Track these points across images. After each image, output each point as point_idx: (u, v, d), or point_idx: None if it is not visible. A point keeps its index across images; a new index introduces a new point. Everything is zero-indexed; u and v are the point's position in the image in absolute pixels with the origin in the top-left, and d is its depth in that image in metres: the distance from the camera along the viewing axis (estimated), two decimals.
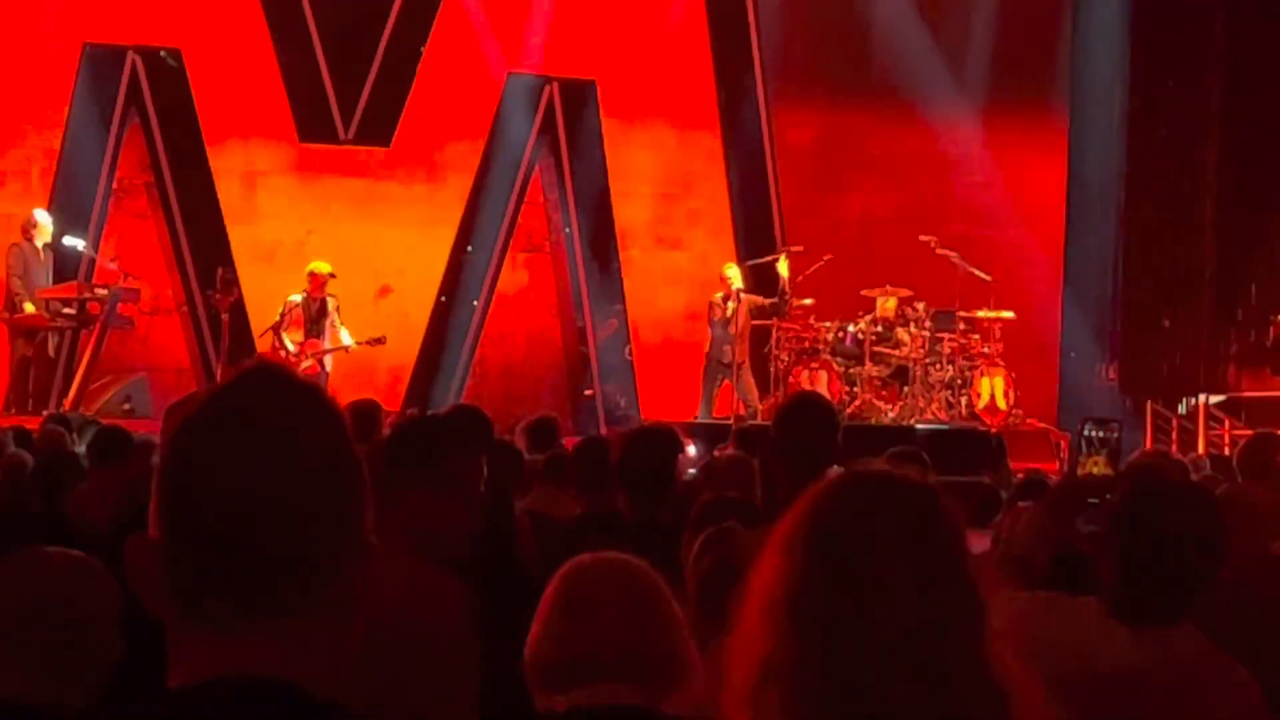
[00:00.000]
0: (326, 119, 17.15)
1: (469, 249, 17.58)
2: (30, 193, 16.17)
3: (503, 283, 17.82)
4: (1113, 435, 15.27)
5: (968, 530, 2.25)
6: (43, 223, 15.33)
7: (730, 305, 16.48)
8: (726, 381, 16.58)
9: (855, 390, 16.36)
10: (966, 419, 16.30)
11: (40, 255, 15.25)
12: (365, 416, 8.16)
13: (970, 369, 16.59)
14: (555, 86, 17.74)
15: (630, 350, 17.89)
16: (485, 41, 17.57)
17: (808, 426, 5.07)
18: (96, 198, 16.26)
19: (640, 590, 3.04)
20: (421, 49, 17.42)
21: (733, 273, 16.74)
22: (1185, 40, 18.97)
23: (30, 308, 15.01)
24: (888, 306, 16.56)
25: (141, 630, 2.42)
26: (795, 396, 7.75)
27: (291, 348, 15.64)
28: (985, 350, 16.66)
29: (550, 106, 17.71)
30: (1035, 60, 19.21)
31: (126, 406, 15.08)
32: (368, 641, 1.82)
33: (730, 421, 14.93)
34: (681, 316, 18.11)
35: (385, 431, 8.28)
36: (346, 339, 15.86)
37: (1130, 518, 3.50)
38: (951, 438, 15.39)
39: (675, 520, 5.11)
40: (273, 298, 16.02)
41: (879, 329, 16.46)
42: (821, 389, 15.73)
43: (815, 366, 16.39)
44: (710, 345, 16.68)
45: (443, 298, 17.54)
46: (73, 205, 16.00)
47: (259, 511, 1.73)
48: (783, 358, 16.53)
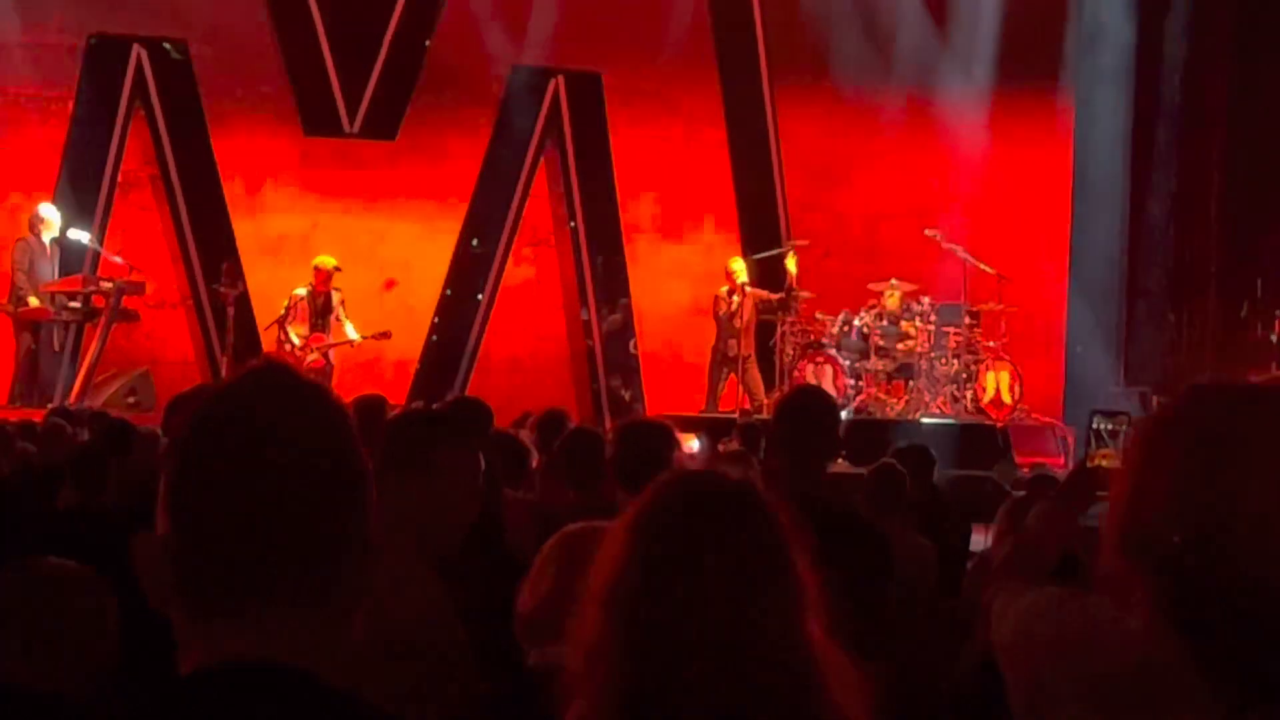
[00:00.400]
0: (332, 112, 17.15)
1: (474, 242, 17.57)
2: (36, 186, 16.16)
3: (508, 276, 17.81)
4: (1123, 428, 15.22)
5: (973, 525, 2.28)
6: (49, 217, 15.33)
7: (735, 299, 16.47)
8: (732, 375, 16.58)
9: (860, 384, 16.35)
10: (972, 413, 16.29)
11: (46, 249, 15.25)
12: (371, 411, 8.14)
13: (975, 363, 16.58)
14: (561, 79, 17.72)
15: (635, 344, 17.88)
16: (490, 34, 17.55)
17: (808, 420, 5.07)
18: (101, 191, 16.27)
19: None
20: (427, 41, 17.41)
21: (738, 266, 16.73)
22: (1193, 31, 18.93)
23: (35, 301, 15.01)
24: (893, 300, 16.54)
25: (143, 634, 2.42)
26: (795, 390, 7.75)
27: (296, 341, 15.64)
28: (990, 344, 16.65)
29: (556, 99, 17.70)
30: (1041, 53, 19.16)
31: (131, 400, 15.07)
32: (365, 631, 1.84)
33: (735, 416, 14.92)
34: (687, 310, 18.09)
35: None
36: (352, 333, 15.86)
37: None
38: (957, 432, 15.40)
39: None
40: (278, 291, 16.03)
41: (884, 323, 16.45)
42: (826, 383, 15.73)
43: (820, 361, 16.39)
44: (716, 339, 16.69)
45: (448, 291, 17.54)
46: (78, 198, 16.00)
47: (265, 507, 1.76)
48: (788, 352, 16.52)
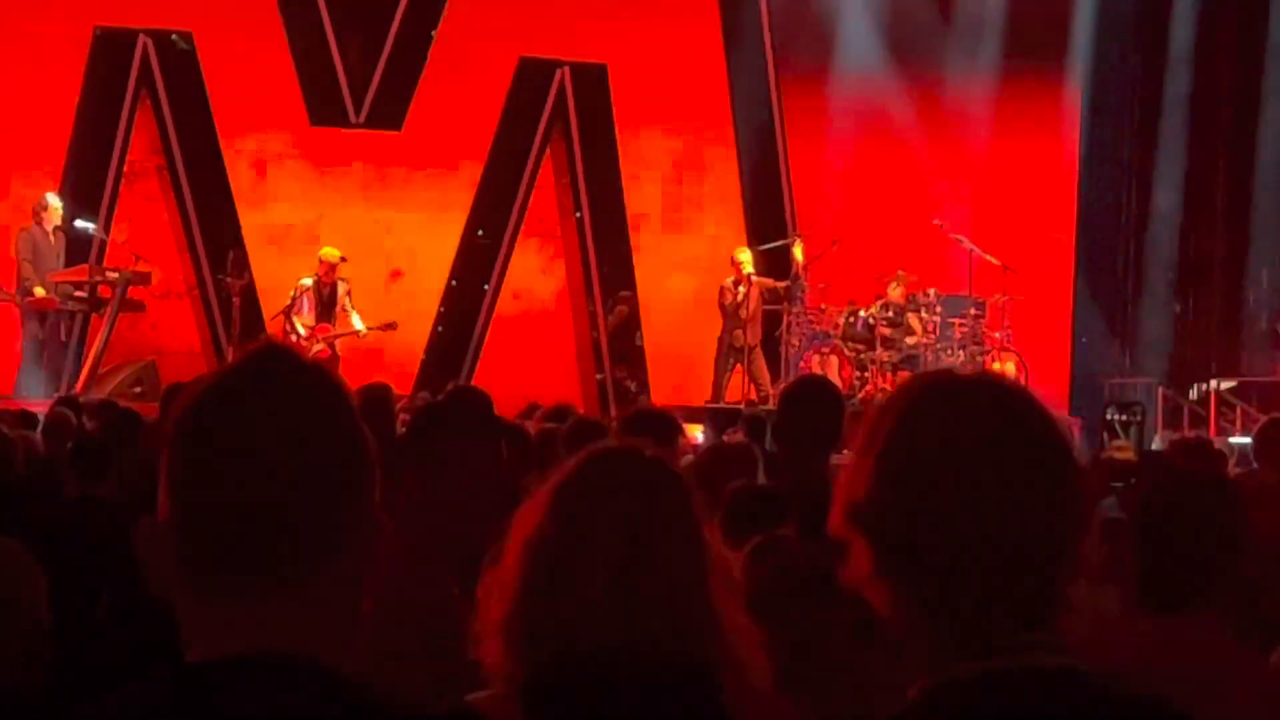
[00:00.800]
0: (338, 102, 17.13)
1: (480, 233, 17.56)
2: (42, 176, 16.16)
3: (513, 267, 17.80)
4: (1136, 419, 15.17)
5: None
6: (53, 205, 15.33)
7: (742, 290, 16.46)
8: (739, 366, 16.58)
9: (866, 375, 16.34)
10: None
11: (50, 239, 15.24)
12: (377, 400, 8.13)
13: (981, 354, 16.56)
14: (567, 70, 17.70)
15: (640, 335, 17.87)
16: (497, 25, 17.53)
17: (811, 410, 5.06)
18: (107, 181, 16.25)
19: None
20: (433, 32, 17.39)
21: (744, 257, 16.73)
22: (1200, 22, 18.89)
23: (41, 291, 15.00)
24: (898, 291, 16.53)
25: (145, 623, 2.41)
26: (799, 380, 7.74)
27: (302, 332, 15.64)
28: (996, 335, 16.64)
29: (562, 90, 17.68)
30: (1048, 41, 19.14)
31: (137, 390, 15.06)
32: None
33: (742, 406, 14.92)
34: (693, 301, 18.07)
35: (397, 414, 8.31)
36: (358, 323, 15.87)
37: (1150, 506, 3.48)
38: None
39: None
40: (284, 281, 16.03)
41: (890, 314, 16.44)
42: (832, 374, 15.73)
43: (826, 351, 16.39)
44: (722, 329, 16.68)
45: (454, 282, 17.53)
46: (84, 188, 16.00)
47: (267, 487, 1.75)
48: (793, 343, 16.51)
